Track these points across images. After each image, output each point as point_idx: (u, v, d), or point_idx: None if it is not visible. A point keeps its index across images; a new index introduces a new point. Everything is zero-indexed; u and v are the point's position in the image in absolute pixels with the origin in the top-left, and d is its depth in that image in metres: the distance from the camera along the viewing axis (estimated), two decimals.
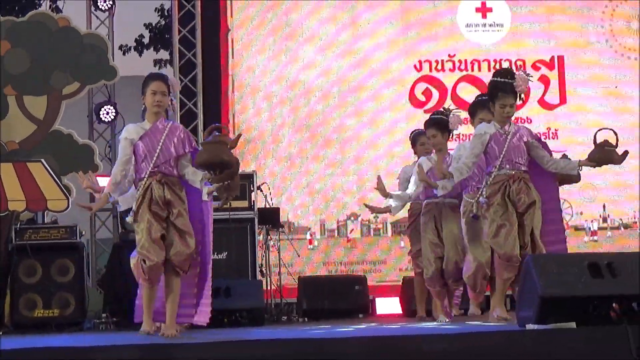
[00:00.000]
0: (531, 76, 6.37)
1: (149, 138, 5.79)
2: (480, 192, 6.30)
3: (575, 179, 6.63)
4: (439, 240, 7.14)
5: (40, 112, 10.23)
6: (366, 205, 7.77)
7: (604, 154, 6.15)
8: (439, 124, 7.22)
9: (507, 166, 6.18)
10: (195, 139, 6.62)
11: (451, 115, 7.18)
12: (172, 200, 5.71)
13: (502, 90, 6.17)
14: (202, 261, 5.93)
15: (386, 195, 7.37)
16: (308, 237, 10.59)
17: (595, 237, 10.85)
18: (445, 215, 7.09)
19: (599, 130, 6.26)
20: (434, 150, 7.33)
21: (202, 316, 5.99)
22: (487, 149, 6.23)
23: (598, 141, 6.17)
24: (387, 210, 7.61)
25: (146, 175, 5.74)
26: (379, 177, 7.30)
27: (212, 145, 5.62)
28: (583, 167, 6.26)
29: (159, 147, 5.75)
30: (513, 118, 6.38)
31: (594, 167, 6.26)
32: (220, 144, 5.65)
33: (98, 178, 6.35)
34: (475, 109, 6.80)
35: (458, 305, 7.62)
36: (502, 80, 6.21)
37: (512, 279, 6.13)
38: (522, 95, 6.24)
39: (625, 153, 6.18)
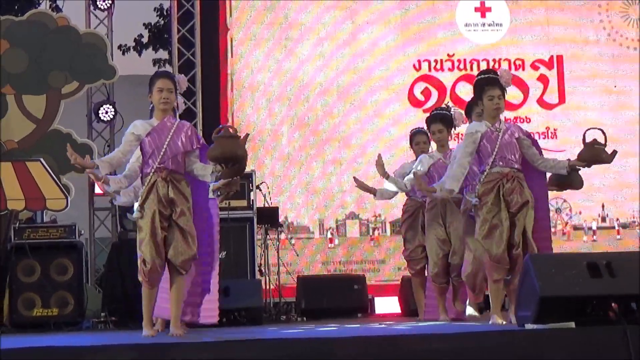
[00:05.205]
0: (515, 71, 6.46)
1: (156, 134, 5.77)
2: (470, 191, 6.33)
3: (578, 185, 6.58)
4: (447, 236, 7.14)
5: (39, 111, 10.21)
6: (355, 179, 7.72)
7: (593, 153, 6.18)
8: (445, 119, 7.28)
9: (500, 163, 6.19)
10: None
11: (453, 111, 7.21)
12: (176, 199, 5.69)
13: (488, 83, 6.25)
14: (210, 259, 5.93)
15: (384, 174, 7.39)
16: (329, 235, 10.60)
17: (594, 237, 10.86)
18: (451, 210, 7.07)
19: (588, 129, 6.28)
20: (437, 146, 7.34)
21: (210, 316, 6.00)
22: (480, 147, 6.24)
23: (587, 140, 6.19)
24: (373, 191, 7.59)
25: (152, 171, 5.72)
26: (379, 156, 7.33)
27: (227, 140, 5.62)
28: (576, 167, 6.27)
29: (167, 143, 5.74)
30: (512, 117, 6.40)
31: (584, 166, 6.27)
32: (234, 138, 5.65)
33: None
34: (471, 106, 6.83)
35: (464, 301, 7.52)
36: (486, 75, 6.34)
37: (502, 280, 6.12)
38: (507, 89, 6.29)
39: (614, 152, 6.21)
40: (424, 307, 7.67)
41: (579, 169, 6.32)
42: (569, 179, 6.39)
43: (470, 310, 6.55)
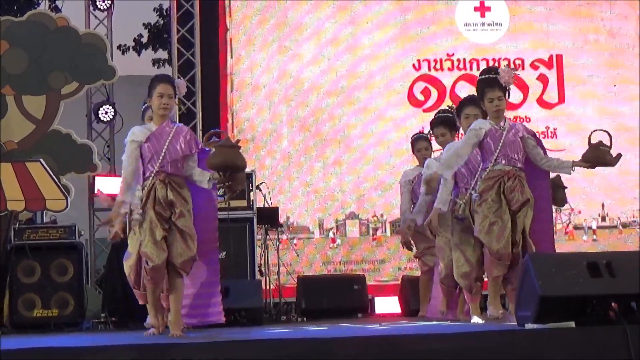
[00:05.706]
0: (516, 70, 6.45)
1: (155, 139, 5.80)
2: (472, 187, 6.32)
3: (560, 203, 6.69)
4: None
5: (39, 112, 10.22)
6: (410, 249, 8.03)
7: (598, 155, 6.19)
8: (448, 122, 7.26)
9: (503, 161, 6.19)
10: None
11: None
12: (175, 200, 5.72)
13: (487, 85, 6.25)
14: (213, 260, 5.98)
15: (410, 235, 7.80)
16: (331, 235, 10.60)
17: (594, 237, 10.86)
18: None
19: (593, 131, 6.28)
20: (442, 149, 7.34)
21: (218, 313, 6.05)
22: (483, 144, 6.23)
23: (593, 142, 6.19)
24: (412, 228, 7.66)
25: (151, 176, 5.75)
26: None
27: (228, 149, 5.69)
28: (577, 167, 6.29)
29: (165, 148, 5.77)
30: (512, 117, 6.40)
31: (588, 167, 6.29)
32: (234, 148, 5.73)
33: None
34: (460, 107, 6.83)
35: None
36: (486, 76, 6.32)
37: (502, 277, 6.13)
38: (509, 88, 6.28)
39: (619, 155, 6.21)
40: (427, 304, 7.69)
41: (566, 187, 6.37)
42: (553, 195, 6.45)
43: (475, 319, 6.52)
